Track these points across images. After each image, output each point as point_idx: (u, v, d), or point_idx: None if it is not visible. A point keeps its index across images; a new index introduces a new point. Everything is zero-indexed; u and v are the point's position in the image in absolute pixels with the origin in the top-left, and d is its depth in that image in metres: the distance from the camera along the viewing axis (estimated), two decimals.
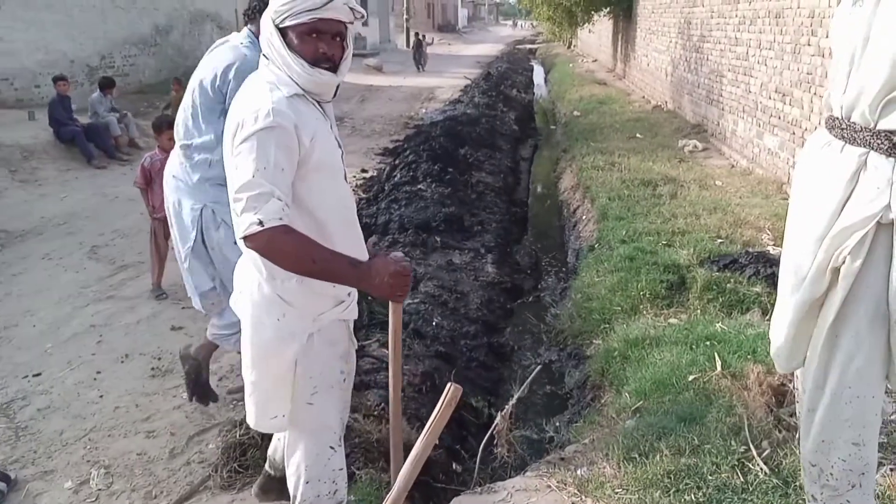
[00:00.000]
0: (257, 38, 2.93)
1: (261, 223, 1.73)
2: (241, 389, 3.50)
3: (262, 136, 1.76)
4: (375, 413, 3.12)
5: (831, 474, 1.84)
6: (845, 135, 1.76)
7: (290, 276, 1.90)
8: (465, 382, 4.10)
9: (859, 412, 1.77)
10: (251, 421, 2.09)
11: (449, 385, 1.65)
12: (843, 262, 1.70)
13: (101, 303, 4.90)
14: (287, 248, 1.78)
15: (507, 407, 2.81)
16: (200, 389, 3.37)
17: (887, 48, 1.60)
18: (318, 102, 1.96)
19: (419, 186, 7.41)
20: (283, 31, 1.88)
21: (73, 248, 6.08)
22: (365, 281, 1.87)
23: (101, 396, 3.67)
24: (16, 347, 4.24)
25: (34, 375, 3.88)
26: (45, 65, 11.97)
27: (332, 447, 2.09)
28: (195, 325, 4.23)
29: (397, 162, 8.70)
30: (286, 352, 1.96)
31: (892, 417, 2.86)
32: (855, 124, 1.72)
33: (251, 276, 1.97)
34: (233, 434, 2.92)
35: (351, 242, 2.02)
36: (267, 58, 1.93)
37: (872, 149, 1.68)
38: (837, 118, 1.80)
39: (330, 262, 1.82)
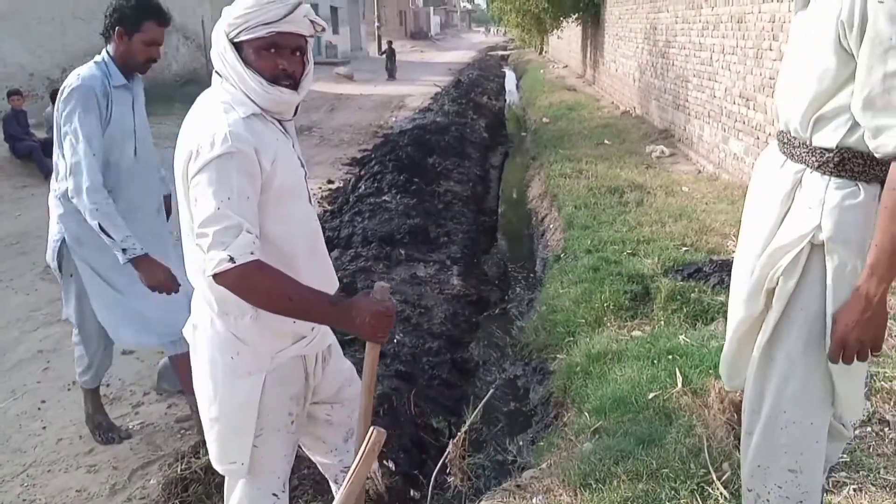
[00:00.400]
0: (112, 59, 2.89)
1: (232, 260, 1.59)
2: (189, 418, 3.39)
3: (220, 163, 1.62)
4: None
5: (767, 501, 1.75)
6: (786, 149, 1.70)
7: (245, 312, 1.77)
8: (426, 402, 4.03)
9: (796, 438, 1.68)
10: (213, 460, 1.97)
11: (371, 429, 1.53)
12: (778, 283, 1.63)
13: (51, 326, 4.71)
14: (262, 286, 1.65)
15: (458, 434, 2.70)
16: (104, 434, 3.37)
17: (815, 61, 1.53)
18: (279, 120, 1.83)
19: (384, 198, 7.30)
20: (237, 46, 1.74)
21: (24, 269, 5.86)
22: (345, 321, 1.74)
23: (44, 428, 3.50)
24: None
25: None
26: (3, 78, 11.69)
27: (275, 494, 1.95)
28: (146, 350, 4.07)
29: (363, 173, 8.58)
30: (241, 392, 1.83)
31: (857, 433, 2.81)
32: (794, 139, 1.66)
33: (203, 310, 1.84)
34: (174, 469, 2.78)
35: (318, 271, 1.90)
36: (220, 75, 1.78)
37: (808, 165, 1.61)
38: (783, 131, 1.73)
39: (307, 301, 1.69)
